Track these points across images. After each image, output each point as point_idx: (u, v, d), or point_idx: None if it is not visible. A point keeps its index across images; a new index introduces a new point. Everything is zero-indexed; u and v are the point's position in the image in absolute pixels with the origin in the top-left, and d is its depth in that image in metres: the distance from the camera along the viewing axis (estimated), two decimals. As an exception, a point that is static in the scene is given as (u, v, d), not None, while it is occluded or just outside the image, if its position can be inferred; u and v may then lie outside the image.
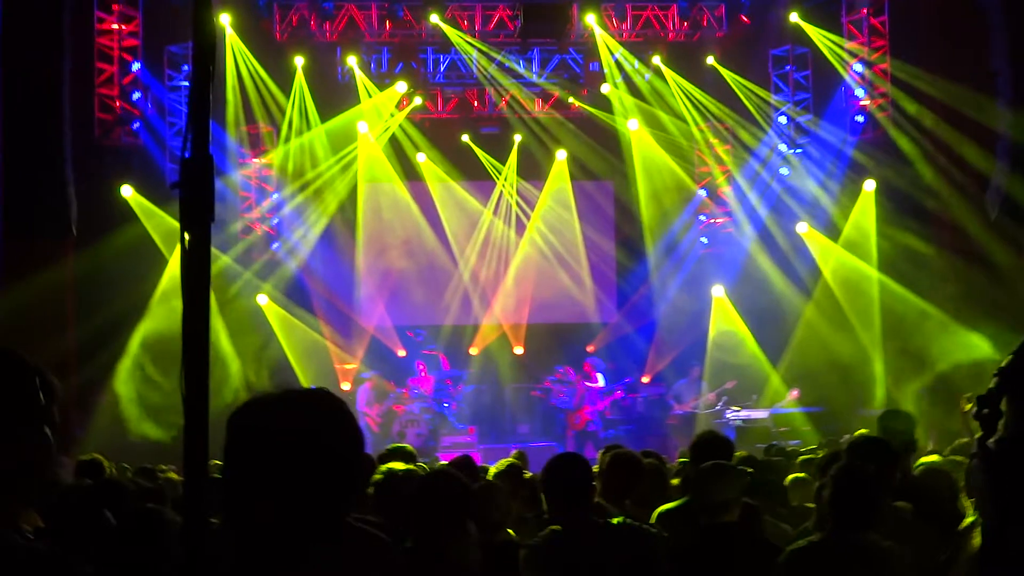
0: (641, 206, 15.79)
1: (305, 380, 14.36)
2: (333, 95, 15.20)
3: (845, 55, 14.27)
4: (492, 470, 5.59)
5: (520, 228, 16.44)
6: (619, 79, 15.36)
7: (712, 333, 15.24)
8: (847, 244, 14.27)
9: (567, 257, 16.32)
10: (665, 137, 15.62)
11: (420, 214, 16.04)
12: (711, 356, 15.08)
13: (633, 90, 15.48)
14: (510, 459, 5.85)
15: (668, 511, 4.51)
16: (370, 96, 15.06)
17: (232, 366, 13.62)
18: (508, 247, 16.43)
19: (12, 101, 11.42)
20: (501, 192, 16.27)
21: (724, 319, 15.13)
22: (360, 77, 14.92)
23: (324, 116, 15.13)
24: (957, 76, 12.44)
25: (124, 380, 12.94)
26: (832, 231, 14.55)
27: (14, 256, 11.68)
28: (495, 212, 16.37)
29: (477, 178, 16.13)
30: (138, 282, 13.11)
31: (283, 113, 14.79)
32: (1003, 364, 2.52)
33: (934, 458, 6.21)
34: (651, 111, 15.51)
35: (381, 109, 15.25)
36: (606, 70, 15.30)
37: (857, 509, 3.56)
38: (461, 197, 16.18)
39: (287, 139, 14.98)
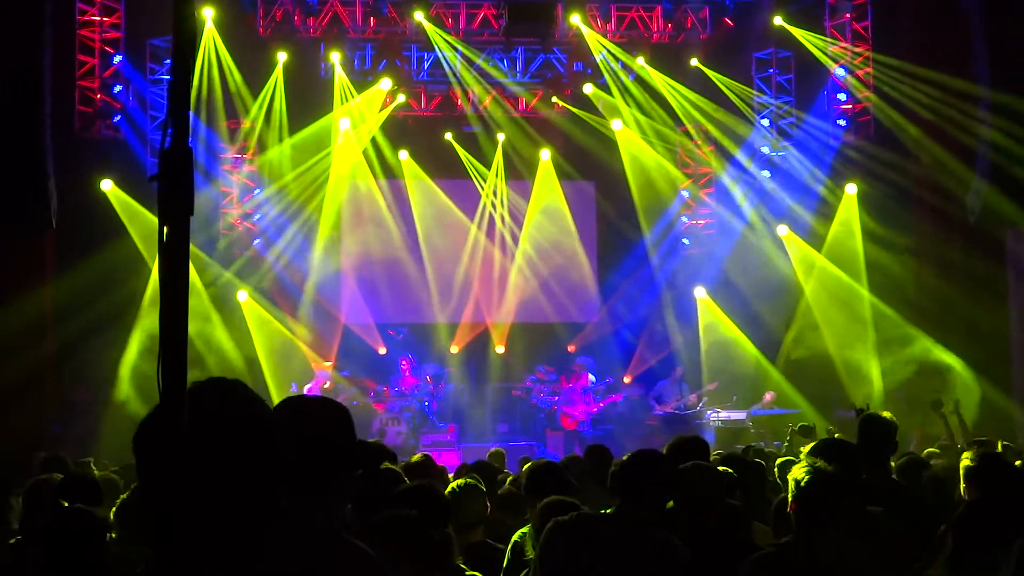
0: (624, 206, 15.80)
1: (274, 377, 14.27)
2: (315, 92, 15.10)
3: (836, 52, 14.32)
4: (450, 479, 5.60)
5: (503, 227, 16.41)
6: (605, 78, 15.35)
7: (701, 333, 15.27)
8: (829, 247, 14.33)
9: (549, 257, 16.29)
10: (649, 138, 15.63)
11: (401, 212, 15.98)
12: (705, 354, 15.12)
13: (618, 90, 15.48)
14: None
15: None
16: (348, 97, 14.94)
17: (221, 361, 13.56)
18: (490, 246, 16.39)
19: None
20: (484, 191, 16.23)
21: (710, 320, 15.16)
22: (340, 76, 14.83)
23: (305, 113, 15.02)
24: (939, 81, 12.52)
25: (125, 377, 12.82)
26: (813, 234, 14.61)
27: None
28: (477, 211, 16.32)
29: (459, 176, 16.09)
30: (122, 280, 12.98)
31: (264, 109, 14.68)
32: None
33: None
34: (635, 112, 15.52)
35: (364, 107, 15.17)
36: (595, 69, 15.29)
37: (819, 510, 3.49)
38: (443, 195, 16.12)
39: (268, 136, 14.88)
